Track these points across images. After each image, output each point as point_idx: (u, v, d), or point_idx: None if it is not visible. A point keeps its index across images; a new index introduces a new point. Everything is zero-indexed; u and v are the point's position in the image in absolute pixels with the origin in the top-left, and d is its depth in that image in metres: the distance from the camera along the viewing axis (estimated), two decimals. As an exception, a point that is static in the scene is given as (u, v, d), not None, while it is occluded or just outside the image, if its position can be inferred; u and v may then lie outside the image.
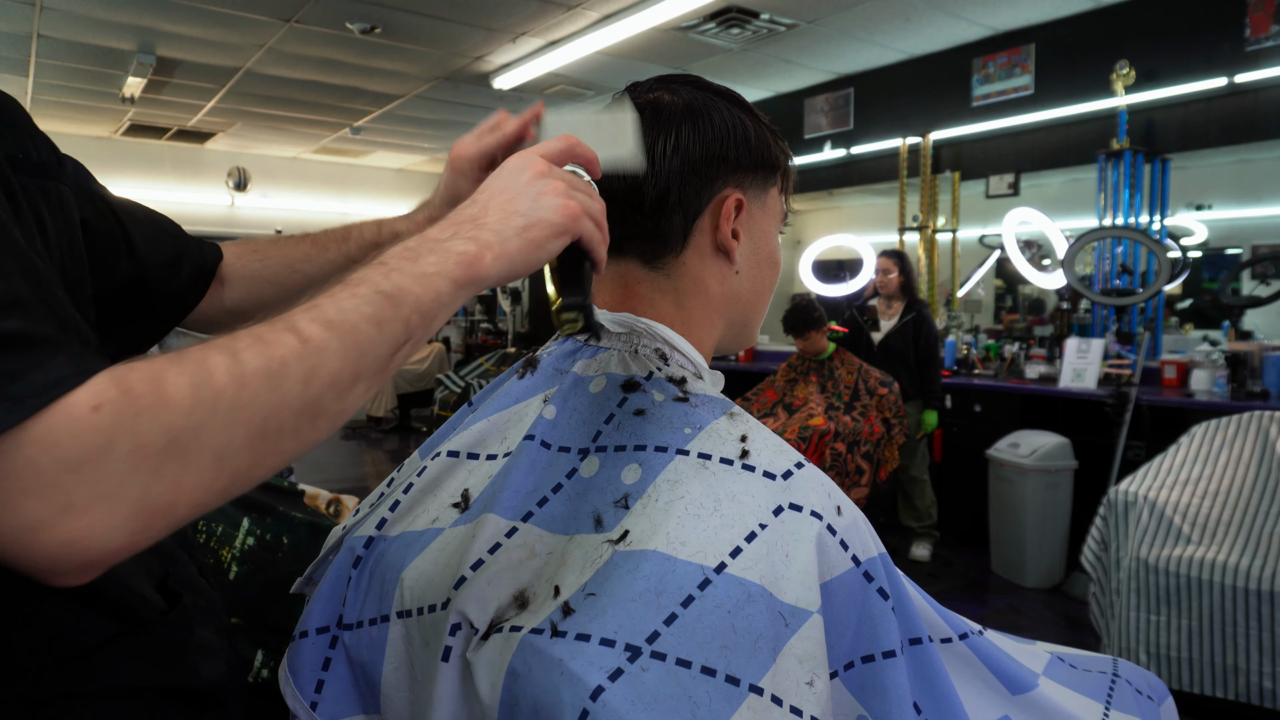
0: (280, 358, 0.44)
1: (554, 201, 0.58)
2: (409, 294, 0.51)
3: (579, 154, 0.64)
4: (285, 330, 0.46)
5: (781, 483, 0.61)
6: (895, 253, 4.28)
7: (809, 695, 0.54)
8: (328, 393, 0.47)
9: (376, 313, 0.49)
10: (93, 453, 0.38)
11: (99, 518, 0.38)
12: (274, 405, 0.44)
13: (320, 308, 0.48)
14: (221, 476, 0.43)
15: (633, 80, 0.78)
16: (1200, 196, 5.49)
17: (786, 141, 0.80)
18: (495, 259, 0.55)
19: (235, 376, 0.43)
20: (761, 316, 0.82)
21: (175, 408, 0.40)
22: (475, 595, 0.58)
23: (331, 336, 0.47)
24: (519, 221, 0.56)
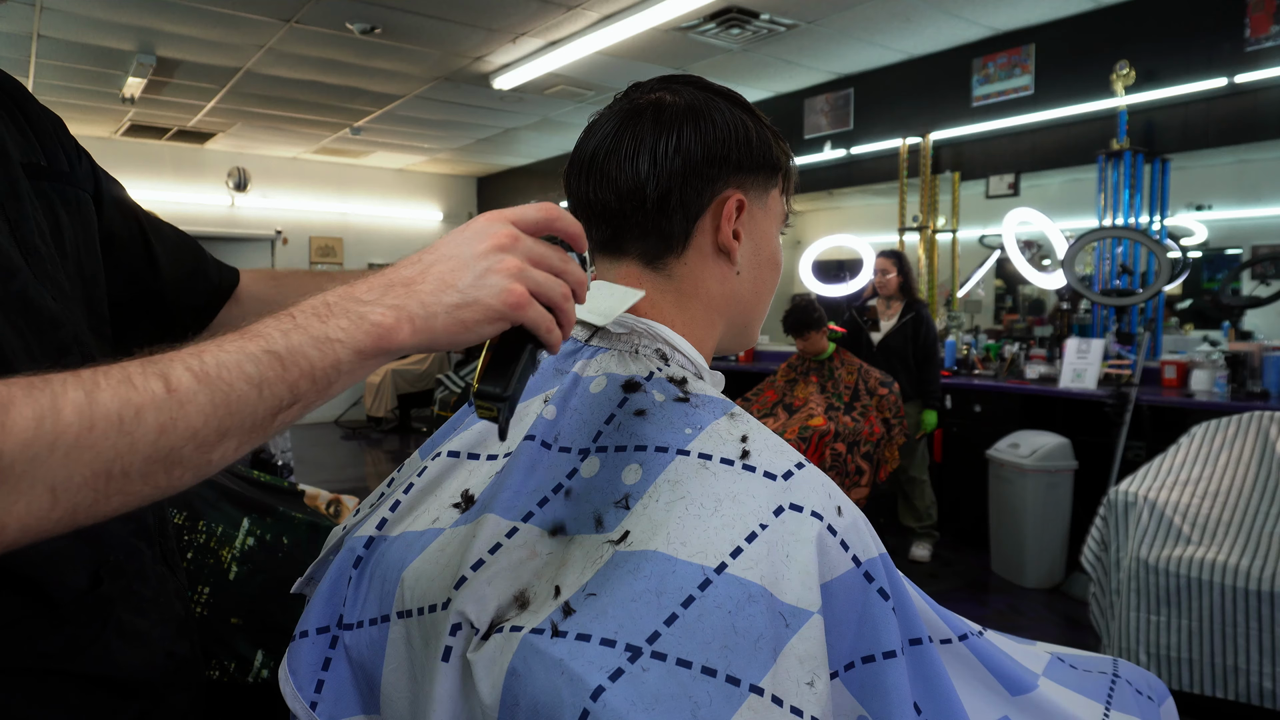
0: (136, 405, 0.44)
1: (498, 283, 0.53)
2: (303, 358, 0.49)
3: (560, 226, 0.59)
4: (156, 375, 0.45)
5: (782, 483, 0.61)
6: (893, 253, 4.28)
7: (809, 695, 0.54)
8: (186, 445, 0.46)
9: (259, 373, 0.47)
10: None
11: None
12: (120, 450, 0.44)
13: (202, 355, 0.47)
14: (58, 508, 0.43)
15: (633, 80, 0.78)
16: (1200, 196, 5.49)
17: (788, 142, 0.81)
18: (415, 333, 0.52)
19: (83, 417, 0.43)
20: (762, 317, 0.82)
21: (14, 437, 0.41)
22: (476, 595, 0.58)
23: (200, 390, 0.46)
24: (453, 298, 0.52)
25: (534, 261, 0.56)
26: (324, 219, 9.21)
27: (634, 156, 0.71)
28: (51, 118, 0.71)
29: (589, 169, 0.74)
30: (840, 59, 5.42)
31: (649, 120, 0.72)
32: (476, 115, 6.95)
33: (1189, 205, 5.47)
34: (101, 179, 0.77)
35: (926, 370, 4.07)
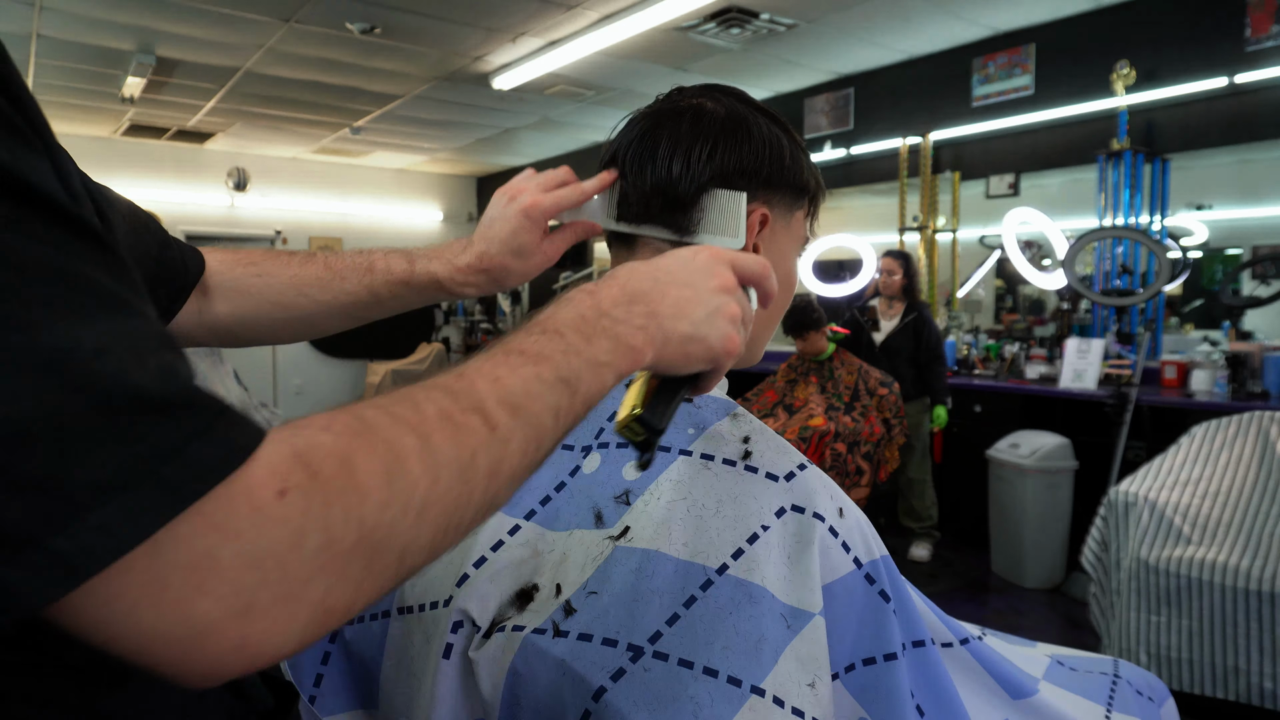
0: (471, 448, 0.39)
1: (725, 329, 0.54)
2: (583, 384, 0.46)
3: (766, 286, 0.60)
4: (472, 410, 0.40)
5: (784, 484, 0.61)
6: (900, 254, 4.27)
7: (810, 697, 0.54)
8: (505, 488, 0.42)
9: (557, 403, 0.44)
10: (279, 547, 0.32)
11: (277, 621, 0.33)
12: (460, 502, 0.39)
13: (505, 385, 0.42)
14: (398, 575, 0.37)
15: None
16: (1200, 196, 5.49)
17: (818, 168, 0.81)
18: (653, 357, 0.51)
19: (429, 468, 0.37)
20: (769, 335, 0.82)
21: (369, 501, 0.35)
22: (477, 593, 0.58)
23: (517, 426, 0.42)
24: (686, 329, 0.52)
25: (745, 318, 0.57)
26: (324, 219, 9.20)
27: (668, 157, 0.71)
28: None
29: (623, 164, 0.74)
30: (840, 59, 5.42)
31: (688, 124, 0.72)
32: (476, 115, 6.95)
33: (1189, 205, 5.47)
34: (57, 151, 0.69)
35: (934, 368, 4.07)
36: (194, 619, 0.31)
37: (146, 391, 0.30)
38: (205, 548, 0.31)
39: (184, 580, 0.30)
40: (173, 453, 0.30)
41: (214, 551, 0.31)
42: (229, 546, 0.31)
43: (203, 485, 0.31)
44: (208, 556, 0.31)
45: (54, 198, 0.31)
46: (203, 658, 0.32)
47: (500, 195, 0.79)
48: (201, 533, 0.31)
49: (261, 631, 0.32)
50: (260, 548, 0.32)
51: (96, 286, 0.31)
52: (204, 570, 0.31)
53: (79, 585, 0.28)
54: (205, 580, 0.31)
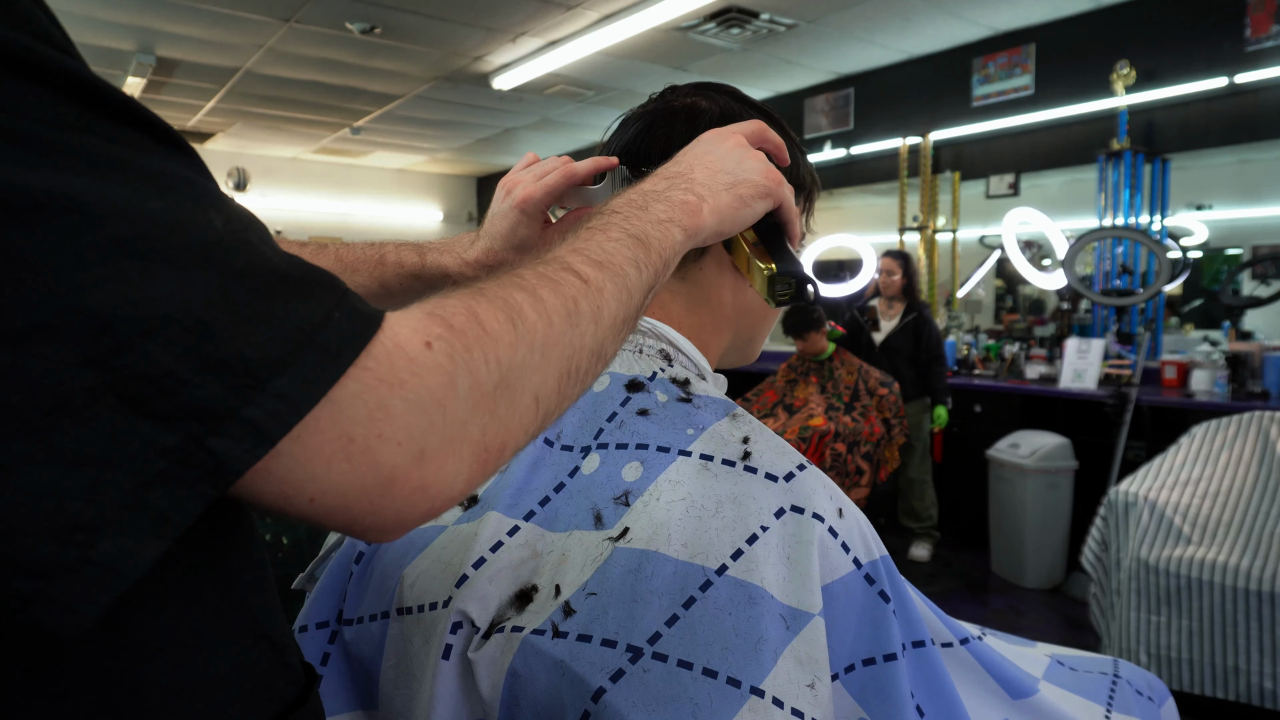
0: (572, 297, 0.43)
1: (758, 165, 0.60)
2: (653, 239, 0.51)
3: (769, 139, 0.66)
4: (564, 270, 0.45)
5: (783, 485, 0.61)
6: (899, 254, 4.26)
7: (810, 698, 0.54)
8: (609, 334, 0.46)
9: (635, 255, 0.49)
10: (438, 391, 0.35)
11: (448, 461, 0.36)
12: (575, 345, 0.43)
13: (584, 250, 0.47)
14: (537, 417, 0.41)
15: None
16: (1200, 196, 5.49)
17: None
18: (711, 211, 0.56)
19: (542, 314, 0.41)
20: (767, 333, 0.82)
21: (501, 343, 0.38)
22: (477, 594, 0.58)
23: (605, 277, 0.46)
24: (726, 179, 0.58)
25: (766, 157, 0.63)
26: (323, 219, 9.21)
27: (663, 157, 0.71)
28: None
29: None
30: (840, 59, 5.42)
31: (682, 123, 0.72)
32: (476, 115, 6.95)
33: (1189, 205, 5.47)
34: None
35: (934, 368, 4.07)
36: (381, 466, 0.33)
37: (281, 270, 0.33)
38: (378, 399, 0.33)
39: (366, 431, 0.33)
40: (323, 322, 0.33)
41: (385, 402, 0.33)
42: (397, 395, 0.34)
43: (358, 344, 0.33)
44: (381, 407, 0.33)
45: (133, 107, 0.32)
46: (392, 504, 0.34)
47: (500, 188, 0.79)
48: (371, 387, 0.33)
49: (436, 473, 0.35)
50: (422, 394, 0.34)
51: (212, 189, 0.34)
52: (381, 419, 0.33)
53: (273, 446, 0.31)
54: (384, 428, 0.33)
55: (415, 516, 0.36)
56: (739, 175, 0.59)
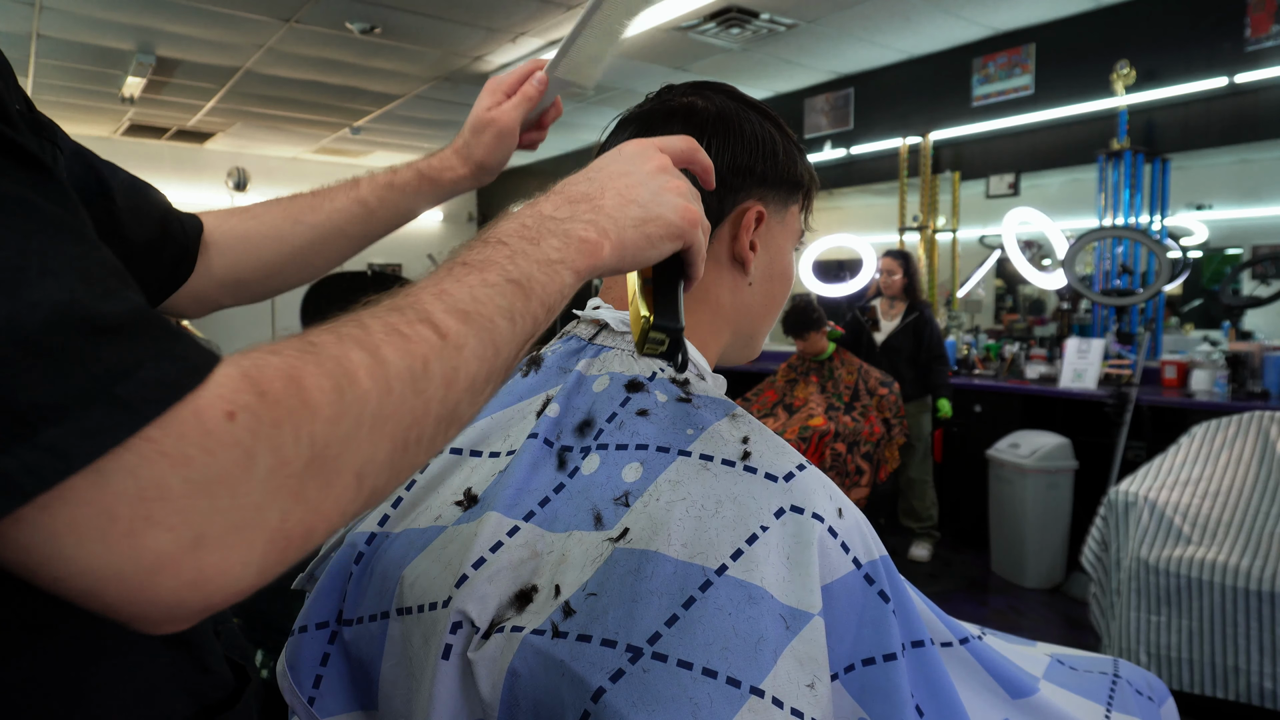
0: (422, 356, 0.38)
1: (675, 201, 0.54)
2: (536, 284, 0.45)
3: (699, 159, 0.60)
4: (419, 321, 0.39)
5: (783, 485, 0.61)
6: (900, 253, 4.26)
7: (810, 698, 0.54)
8: (465, 397, 0.41)
9: (510, 305, 0.43)
10: (230, 471, 0.31)
11: (233, 551, 0.31)
12: (417, 413, 0.38)
13: (451, 294, 0.41)
14: (359, 496, 0.36)
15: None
16: (1200, 196, 5.49)
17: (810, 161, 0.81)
18: (612, 249, 0.50)
19: (379, 380, 0.36)
20: (768, 330, 0.82)
21: (319, 417, 0.33)
22: (476, 594, 0.58)
23: (469, 331, 0.41)
24: (636, 212, 0.52)
25: (689, 187, 0.56)
26: (324, 219, 9.19)
27: None
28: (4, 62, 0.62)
29: None
30: (840, 59, 5.42)
31: (679, 123, 0.72)
32: (476, 115, 6.94)
33: (1189, 205, 5.47)
34: (58, 133, 0.67)
35: (937, 368, 4.08)
36: (144, 552, 0.29)
37: (97, 313, 0.30)
38: (153, 475, 0.29)
39: (132, 511, 0.29)
40: (125, 373, 0.29)
41: (163, 479, 0.29)
42: (178, 473, 0.30)
43: (157, 405, 0.29)
44: (156, 484, 0.29)
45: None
46: (157, 595, 0.30)
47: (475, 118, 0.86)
48: (149, 460, 0.29)
49: (217, 563, 0.31)
50: (210, 473, 0.30)
51: (43, 212, 0.31)
52: (152, 499, 0.29)
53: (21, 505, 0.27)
54: (154, 510, 0.29)
55: (187, 612, 0.31)
56: (651, 211, 0.52)
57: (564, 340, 0.77)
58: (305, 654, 0.66)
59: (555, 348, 0.76)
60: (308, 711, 0.64)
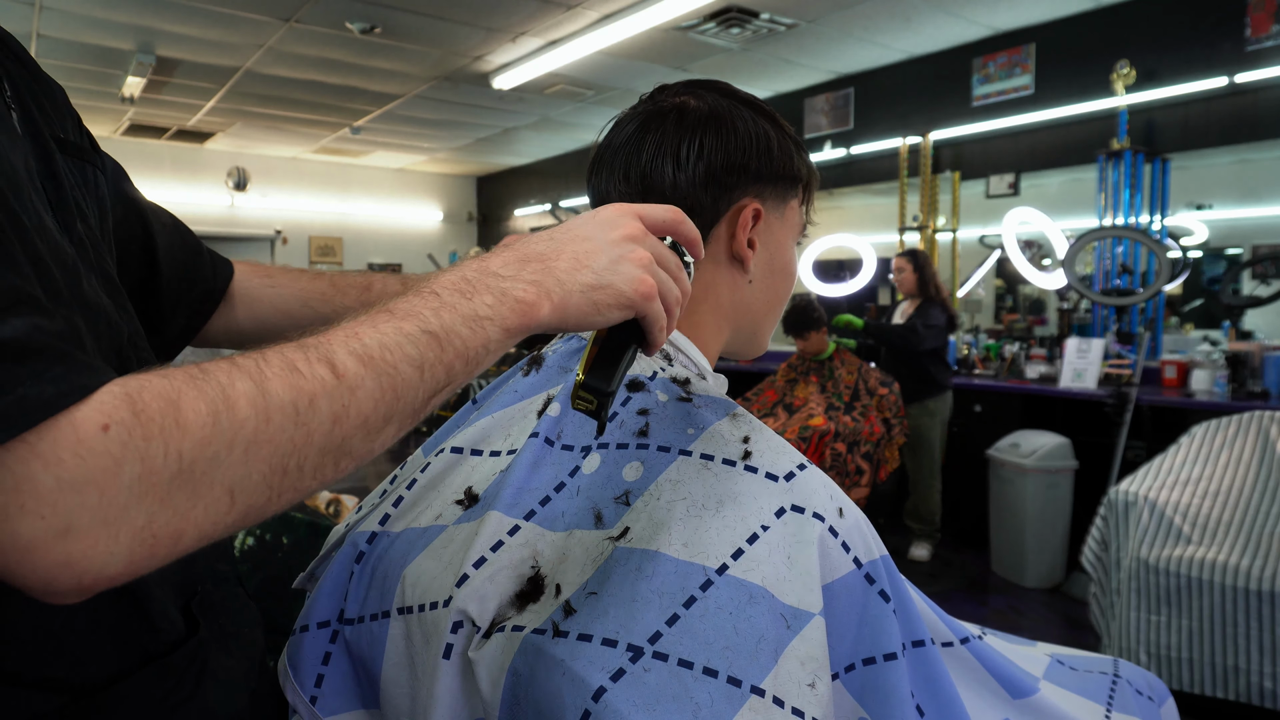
0: (310, 393, 0.42)
1: (632, 272, 0.54)
2: (456, 337, 0.47)
3: (683, 231, 0.60)
4: (320, 361, 0.43)
5: (784, 484, 0.61)
6: (909, 251, 4.27)
7: (810, 697, 0.54)
8: (356, 434, 0.44)
9: (420, 355, 0.46)
10: (97, 475, 0.36)
11: (98, 542, 0.36)
12: (297, 443, 0.41)
13: (361, 339, 0.45)
14: (234, 510, 0.40)
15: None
16: (1200, 196, 5.49)
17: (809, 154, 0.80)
18: (552, 310, 0.51)
19: (259, 410, 0.40)
20: (773, 326, 0.81)
21: (190, 436, 0.38)
22: (477, 593, 0.58)
23: (368, 375, 0.44)
24: (588, 278, 0.53)
25: (657, 260, 0.56)
26: (323, 218, 9.21)
27: (655, 158, 0.71)
28: (58, 88, 0.64)
29: (610, 166, 0.74)
30: (840, 58, 5.42)
31: (672, 123, 0.72)
32: (476, 115, 6.95)
33: (1189, 205, 5.47)
34: (106, 159, 0.71)
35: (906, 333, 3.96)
36: (18, 535, 0.35)
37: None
38: (27, 473, 0.35)
39: (7, 500, 0.34)
40: (5, 389, 0.35)
41: (35, 476, 0.35)
42: (49, 473, 0.35)
43: (30, 419, 0.35)
44: (28, 480, 0.35)
45: None
46: (33, 572, 0.36)
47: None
48: (24, 459, 0.35)
49: (84, 551, 0.36)
50: (80, 475, 0.35)
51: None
52: (25, 492, 0.35)
53: None
54: (26, 501, 0.35)
55: (64, 588, 0.37)
56: (603, 279, 0.53)
57: (565, 340, 0.77)
58: (307, 653, 0.66)
59: (556, 347, 0.76)
60: (309, 710, 0.64)
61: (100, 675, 0.52)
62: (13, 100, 0.54)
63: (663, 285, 0.56)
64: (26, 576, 0.36)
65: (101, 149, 0.70)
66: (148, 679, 0.54)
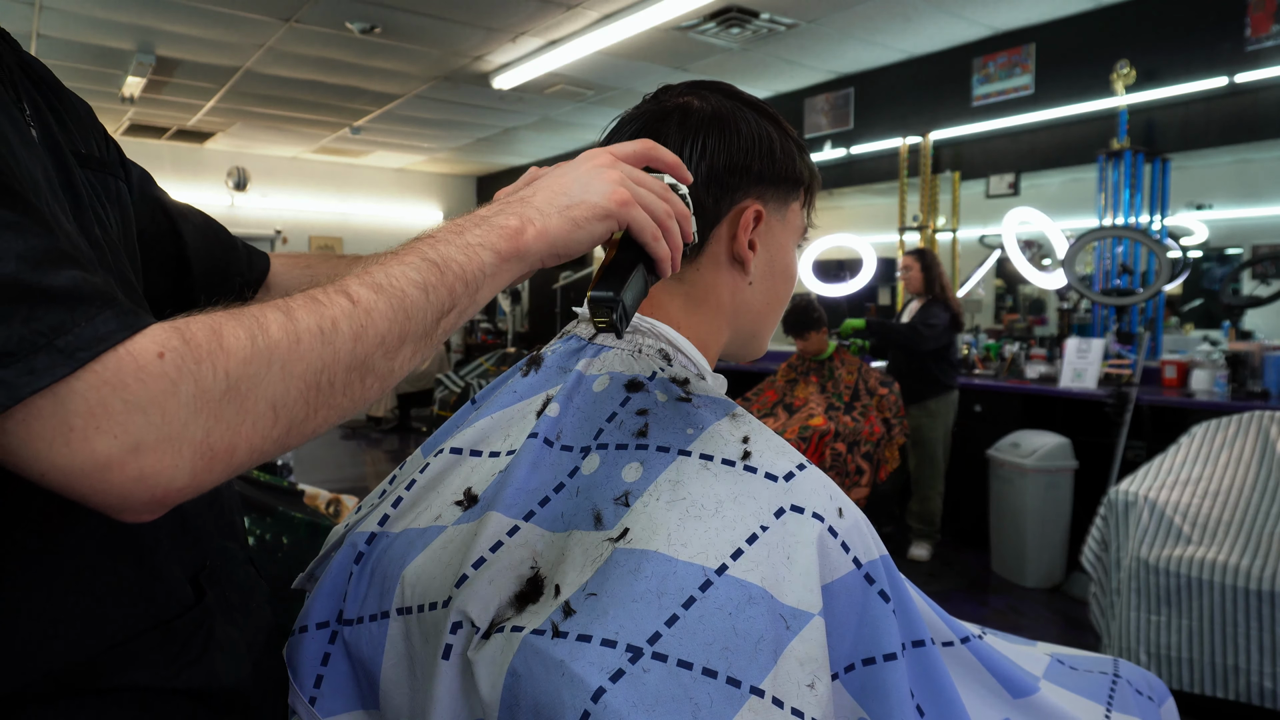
0: (331, 317, 0.47)
1: (604, 186, 0.58)
2: (453, 262, 0.53)
3: (656, 156, 0.64)
4: (337, 292, 0.48)
5: (783, 484, 0.61)
6: (917, 250, 4.30)
7: (810, 697, 0.54)
8: (376, 351, 0.49)
9: (423, 279, 0.51)
10: (159, 396, 0.40)
11: (165, 456, 0.41)
12: (326, 360, 0.46)
13: (370, 273, 0.50)
14: (278, 425, 0.45)
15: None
16: (1200, 196, 5.49)
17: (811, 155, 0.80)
18: (536, 235, 0.56)
19: (289, 332, 0.45)
20: (772, 328, 0.81)
21: (234, 357, 0.43)
22: (476, 594, 0.58)
23: (380, 299, 0.49)
24: (562, 200, 0.58)
25: (635, 181, 0.60)
26: (324, 218, 9.20)
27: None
28: (83, 105, 0.71)
29: None
30: (840, 58, 5.42)
31: (674, 124, 0.72)
32: (476, 115, 6.95)
33: (1189, 205, 5.47)
34: (131, 168, 0.78)
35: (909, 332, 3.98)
36: (96, 454, 0.39)
37: (41, 285, 0.40)
38: (99, 398, 0.39)
39: (84, 423, 0.39)
40: (64, 329, 0.39)
41: (105, 400, 0.39)
42: (117, 396, 0.40)
43: (94, 350, 0.40)
44: (100, 404, 0.39)
45: None
46: (111, 488, 0.40)
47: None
48: (94, 387, 0.39)
49: (153, 465, 0.41)
50: (144, 397, 0.40)
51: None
52: (99, 415, 0.39)
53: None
54: (101, 423, 0.39)
55: (139, 503, 0.41)
56: (577, 197, 0.58)
57: (564, 340, 0.76)
58: (306, 654, 0.66)
59: (555, 347, 0.76)
60: (309, 711, 0.64)
61: (108, 640, 0.56)
62: (32, 119, 0.60)
63: (643, 198, 0.59)
64: (106, 494, 0.40)
65: (128, 159, 0.76)
66: (153, 641, 0.58)
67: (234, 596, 0.67)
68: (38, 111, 0.62)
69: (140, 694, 0.57)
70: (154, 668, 0.58)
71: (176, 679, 0.59)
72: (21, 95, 0.60)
